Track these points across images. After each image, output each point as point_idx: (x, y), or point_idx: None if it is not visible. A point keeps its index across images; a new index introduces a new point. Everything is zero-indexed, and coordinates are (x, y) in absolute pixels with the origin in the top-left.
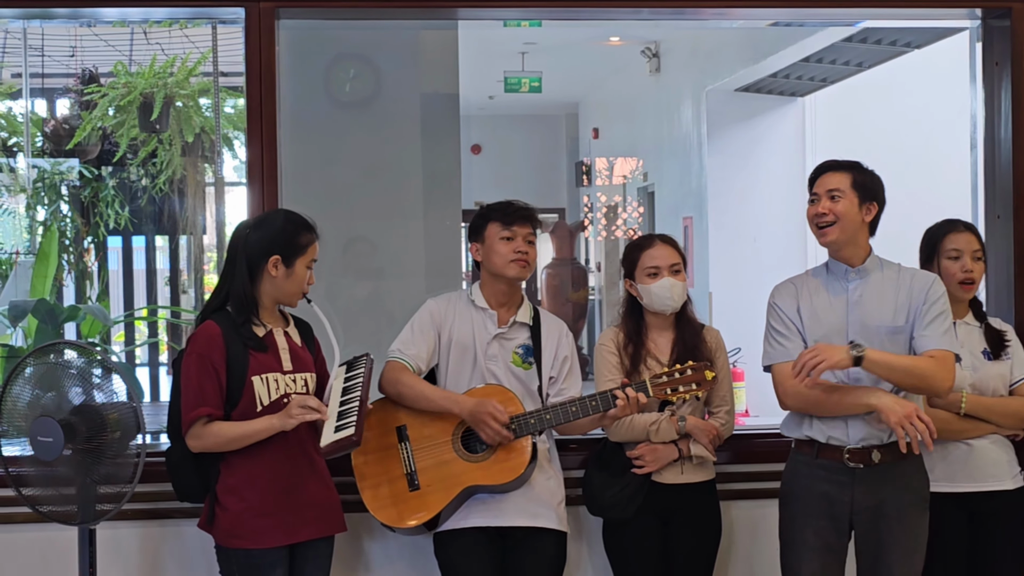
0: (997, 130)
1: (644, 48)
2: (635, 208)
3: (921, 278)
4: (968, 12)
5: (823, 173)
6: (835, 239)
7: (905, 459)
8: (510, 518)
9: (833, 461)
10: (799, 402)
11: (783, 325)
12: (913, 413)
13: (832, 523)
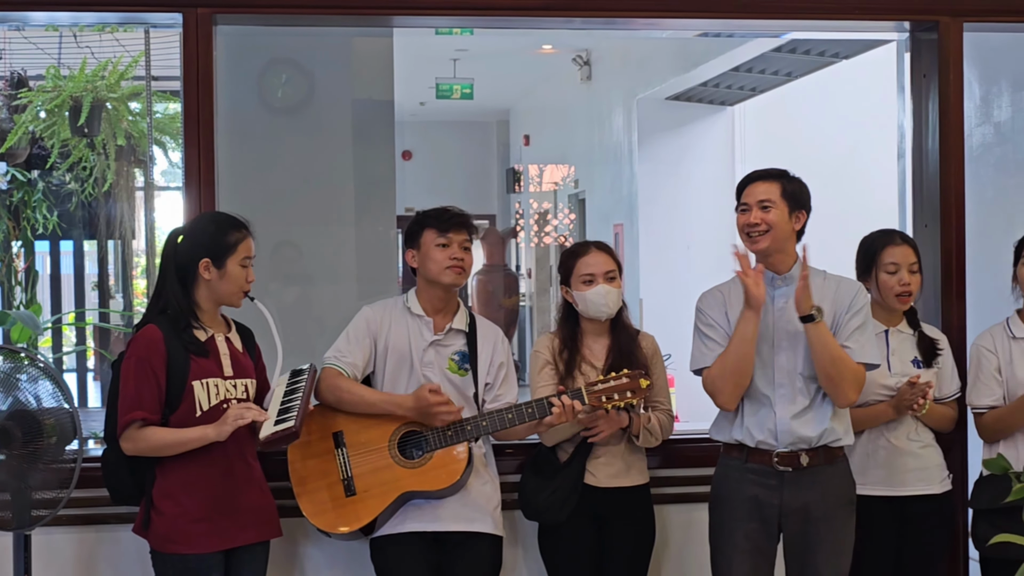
0: (924, 141)
1: (575, 56)
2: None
3: (846, 286)
4: (896, 25)
5: (752, 182)
6: (766, 247)
7: (832, 463)
8: (446, 523)
9: (763, 465)
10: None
11: (712, 330)
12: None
13: (762, 526)
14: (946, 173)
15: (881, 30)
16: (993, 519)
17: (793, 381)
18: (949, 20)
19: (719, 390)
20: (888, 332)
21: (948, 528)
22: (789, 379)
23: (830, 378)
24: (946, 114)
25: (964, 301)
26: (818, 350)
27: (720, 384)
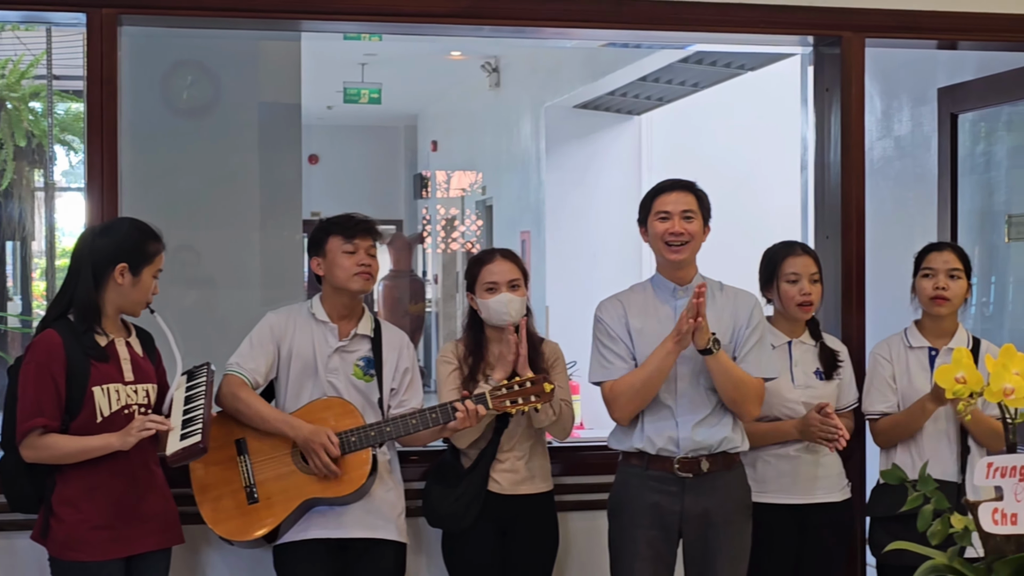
0: (826, 153)
1: (484, 63)
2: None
3: (743, 298)
4: (800, 39)
5: (672, 191)
6: (686, 257)
7: (730, 469)
8: (350, 530)
9: (664, 471)
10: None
11: (611, 340)
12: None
13: (662, 532)
14: (847, 185)
15: (785, 44)
16: (889, 526)
17: (695, 390)
18: (851, 35)
19: (620, 407)
20: (791, 343)
21: (846, 535)
22: (691, 389)
23: (734, 400)
24: (848, 127)
25: (864, 312)
26: (720, 379)
27: (623, 402)
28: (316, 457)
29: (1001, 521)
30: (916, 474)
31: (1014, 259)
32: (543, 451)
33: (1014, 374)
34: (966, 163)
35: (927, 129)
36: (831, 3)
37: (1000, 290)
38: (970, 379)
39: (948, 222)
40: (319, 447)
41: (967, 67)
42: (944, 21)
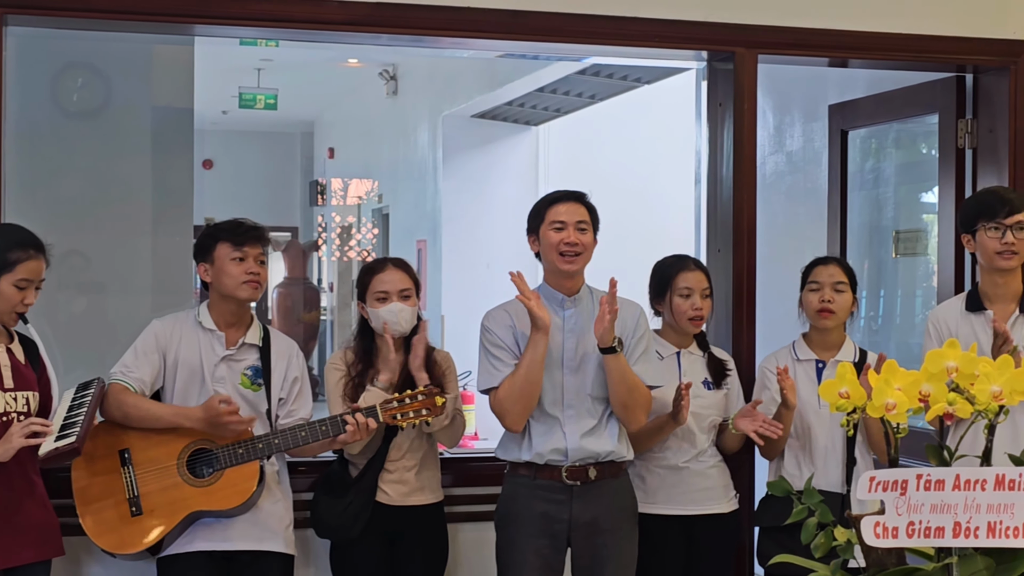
0: (719, 168)
1: (382, 70)
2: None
3: (629, 308)
4: (695, 54)
5: (566, 201)
6: (580, 268)
7: (617, 477)
8: (236, 542)
9: (552, 480)
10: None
11: (497, 349)
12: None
13: (551, 541)
14: (739, 200)
15: (680, 58)
16: (776, 536)
17: (582, 402)
18: (745, 51)
19: (507, 411)
20: (680, 354)
21: (734, 546)
22: (578, 400)
23: (625, 405)
24: (740, 142)
25: (754, 325)
26: (617, 380)
27: (508, 405)
28: (221, 419)
29: (883, 535)
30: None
31: (902, 274)
32: (434, 462)
33: (896, 389)
34: (856, 179)
35: (818, 145)
36: (725, 19)
37: (888, 304)
38: (853, 394)
39: (838, 237)
40: (217, 413)
41: (857, 85)
42: (835, 39)
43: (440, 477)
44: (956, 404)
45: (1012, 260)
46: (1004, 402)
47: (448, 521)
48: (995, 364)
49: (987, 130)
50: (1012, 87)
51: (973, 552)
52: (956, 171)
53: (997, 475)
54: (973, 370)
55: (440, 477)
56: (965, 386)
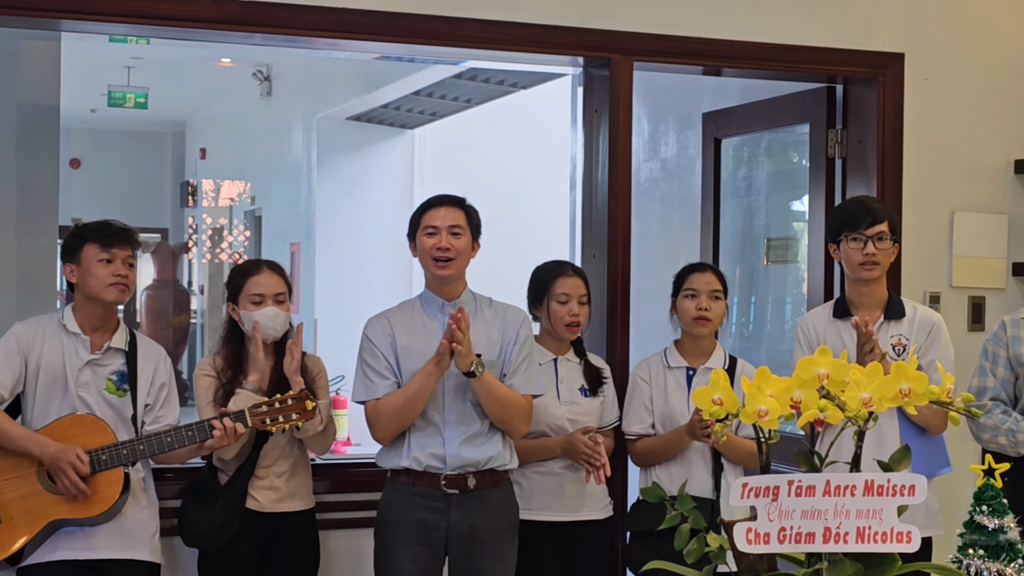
0: (595, 173)
1: (256, 71)
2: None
3: (512, 314)
4: (571, 60)
5: (440, 206)
6: (453, 273)
7: (498, 486)
8: (100, 551)
9: (431, 488)
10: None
11: (374, 359)
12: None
13: (429, 549)
14: (614, 206)
15: (557, 64)
16: (648, 542)
17: (463, 408)
18: (620, 58)
19: (381, 428)
20: (557, 360)
21: (607, 552)
22: (459, 406)
23: (500, 420)
24: (615, 148)
25: (628, 331)
26: (487, 399)
27: (384, 422)
28: (64, 477)
29: (755, 540)
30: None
31: (772, 281)
32: (305, 468)
33: (768, 396)
34: (728, 186)
35: (692, 152)
36: (601, 26)
37: (759, 311)
38: (726, 401)
39: (711, 244)
40: (67, 466)
41: (731, 94)
42: (710, 48)
43: (311, 483)
44: (827, 411)
45: (874, 271)
46: (874, 409)
47: (319, 528)
48: (865, 371)
49: (856, 140)
50: (880, 98)
51: (842, 557)
52: (826, 180)
53: (866, 481)
54: (843, 377)
55: (311, 483)
56: (836, 393)
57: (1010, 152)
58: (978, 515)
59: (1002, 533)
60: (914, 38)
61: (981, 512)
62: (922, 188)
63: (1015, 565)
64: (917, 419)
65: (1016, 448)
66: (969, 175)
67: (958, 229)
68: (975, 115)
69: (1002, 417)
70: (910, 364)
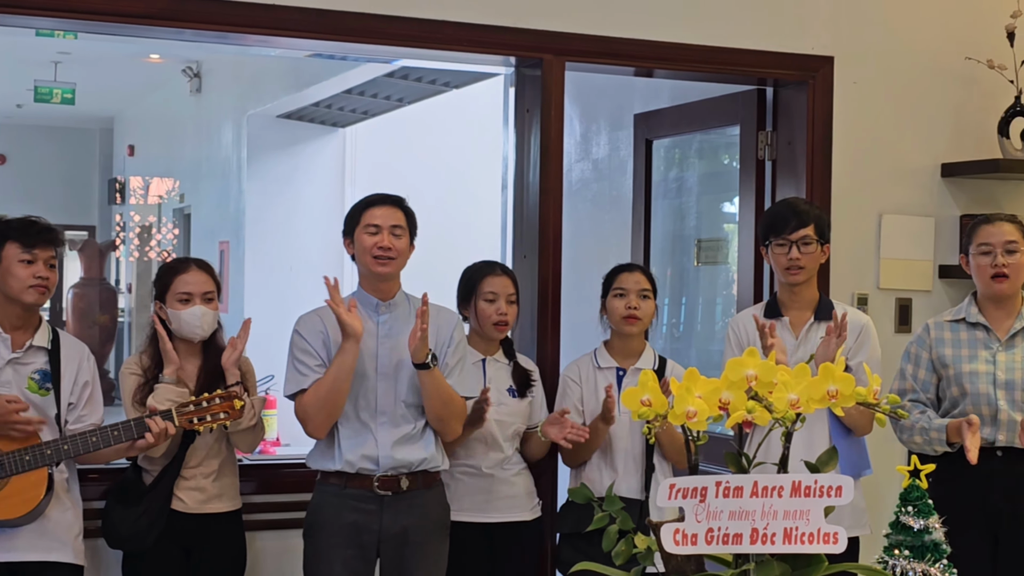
0: (526, 174)
1: (185, 67)
2: (170, 230)
3: (446, 316)
4: (503, 60)
5: (381, 205)
6: (392, 272)
7: (430, 488)
8: (22, 553)
9: (363, 490)
10: None
11: (305, 354)
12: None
13: (360, 552)
14: (545, 206)
15: (489, 64)
16: (576, 543)
17: (396, 408)
18: (552, 58)
19: (310, 418)
20: (485, 361)
21: (536, 553)
22: (392, 407)
23: (440, 418)
24: (547, 149)
25: (559, 331)
26: (431, 395)
27: (312, 412)
28: (9, 417)
29: (683, 541)
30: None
31: (703, 282)
32: (232, 468)
33: (697, 397)
34: (660, 188)
35: (623, 153)
36: (533, 26)
37: (690, 311)
38: (655, 402)
39: (642, 244)
40: (6, 413)
41: (662, 95)
42: (641, 49)
43: (239, 484)
44: (755, 412)
45: (799, 275)
46: (801, 410)
47: (247, 529)
48: (793, 373)
49: (786, 142)
50: (810, 101)
51: (770, 558)
52: (756, 182)
53: (793, 482)
54: (772, 378)
55: (239, 484)
56: (764, 394)
57: (937, 156)
58: (904, 516)
59: (927, 533)
60: (844, 42)
61: (907, 513)
62: (850, 191)
63: (940, 565)
64: (846, 420)
65: (931, 446)
66: (897, 178)
67: (886, 232)
68: (903, 119)
69: (917, 417)
70: (837, 366)
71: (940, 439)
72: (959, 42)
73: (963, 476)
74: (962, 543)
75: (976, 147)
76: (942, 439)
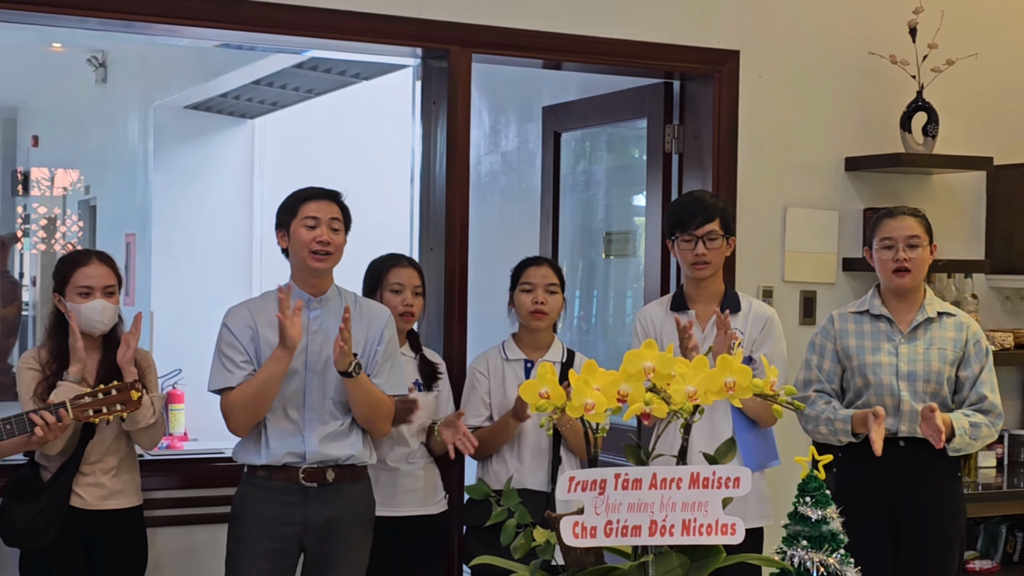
0: (433, 166)
1: (90, 56)
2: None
3: (377, 312)
4: (411, 51)
5: (321, 199)
6: (329, 267)
7: (357, 480)
8: None
9: (288, 482)
10: None
11: (232, 349)
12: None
13: (283, 544)
14: (452, 198)
15: (395, 55)
16: (482, 536)
17: (324, 404)
18: (459, 50)
19: (234, 417)
20: None
21: (443, 547)
22: (320, 403)
23: (368, 419)
24: (453, 141)
25: (465, 324)
26: (358, 400)
27: (237, 411)
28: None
29: (582, 534)
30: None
31: (613, 275)
32: (133, 464)
33: (595, 389)
34: (568, 180)
35: (532, 146)
36: (439, 17)
37: (600, 304)
38: (553, 394)
39: (551, 237)
40: None
41: (571, 88)
42: (549, 41)
43: (139, 480)
44: (653, 404)
45: (705, 270)
46: (699, 402)
47: (149, 525)
48: (691, 365)
49: (693, 136)
50: (716, 94)
51: (668, 550)
52: (663, 175)
53: (692, 473)
54: (670, 370)
55: (139, 480)
56: (662, 386)
57: (841, 150)
58: (802, 506)
59: (825, 524)
60: (749, 36)
61: (805, 503)
62: (756, 184)
63: (837, 555)
64: (749, 412)
65: (836, 436)
66: (801, 172)
67: (790, 225)
68: (808, 113)
69: (823, 407)
70: (735, 358)
71: (845, 430)
72: (863, 37)
73: (867, 466)
74: (865, 532)
75: (879, 141)
76: (847, 430)
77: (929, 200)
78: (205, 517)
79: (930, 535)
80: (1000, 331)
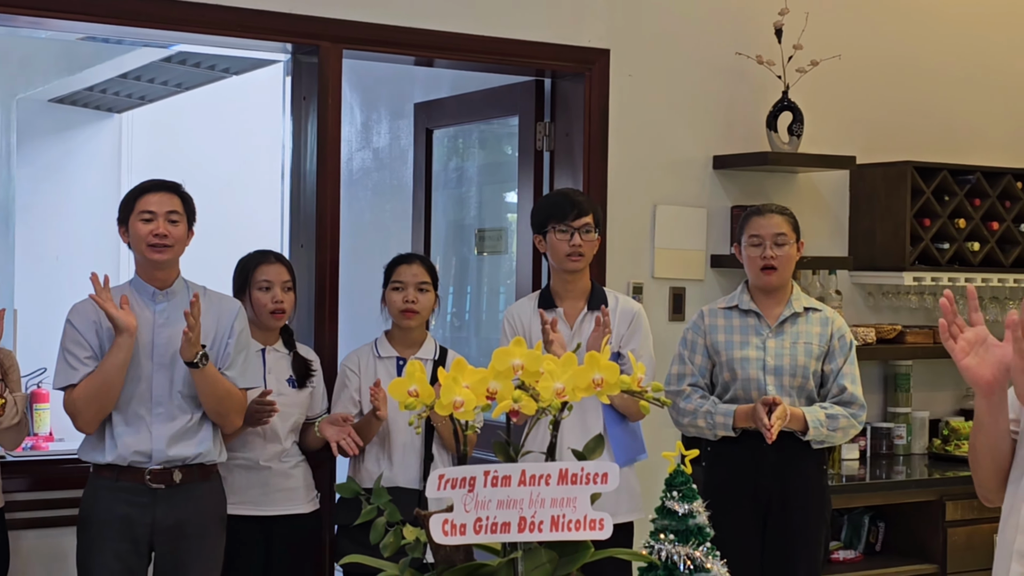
0: (303, 162)
1: None
2: None
3: (227, 304)
4: (281, 46)
5: (158, 192)
6: (169, 259)
7: (207, 480)
8: None
9: (135, 483)
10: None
11: (77, 345)
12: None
13: (133, 546)
14: (323, 195)
15: (264, 50)
16: (353, 535)
17: (172, 399)
18: (329, 46)
19: (80, 413)
20: (265, 351)
21: (314, 546)
22: (167, 398)
23: (218, 413)
24: (324, 137)
25: (336, 321)
26: (206, 392)
27: (82, 407)
28: None
29: (451, 532)
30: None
31: (486, 271)
32: None
33: (464, 387)
34: (440, 177)
35: (404, 143)
36: (309, 12)
37: (474, 301)
38: (422, 392)
39: (423, 234)
40: None
41: (443, 85)
42: (420, 38)
43: (1, 481)
44: (521, 401)
45: (579, 262)
46: (567, 398)
47: (11, 528)
48: (559, 362)
49: (564, 133)
50: (587, 93)
51: (537, 546)
52: (534, 172)
53: (560, 470)
54: (538, 368)
55: (1, 481)
56: (531, 383)
57: (709, 148)
58: (669, 500)
59: (691, 518)
60: (620, 35)
61: (671, 498)
62: (626, 181)
63: (703, 549)
64: (619, 407)
65: (714, 430)
66: (670, 169)
67: (660, 222)
68: (676, 111)
69: (700, 401)
70: (603, 354)
71: (726, 424)
72: (730, 37)
73: (734, 460)
74: (733, 525)
75: (746, 140)
76: (727, 424)
77: (795, 198)
78: (71, 519)
79: (796, 527)
80: (863, 326)
